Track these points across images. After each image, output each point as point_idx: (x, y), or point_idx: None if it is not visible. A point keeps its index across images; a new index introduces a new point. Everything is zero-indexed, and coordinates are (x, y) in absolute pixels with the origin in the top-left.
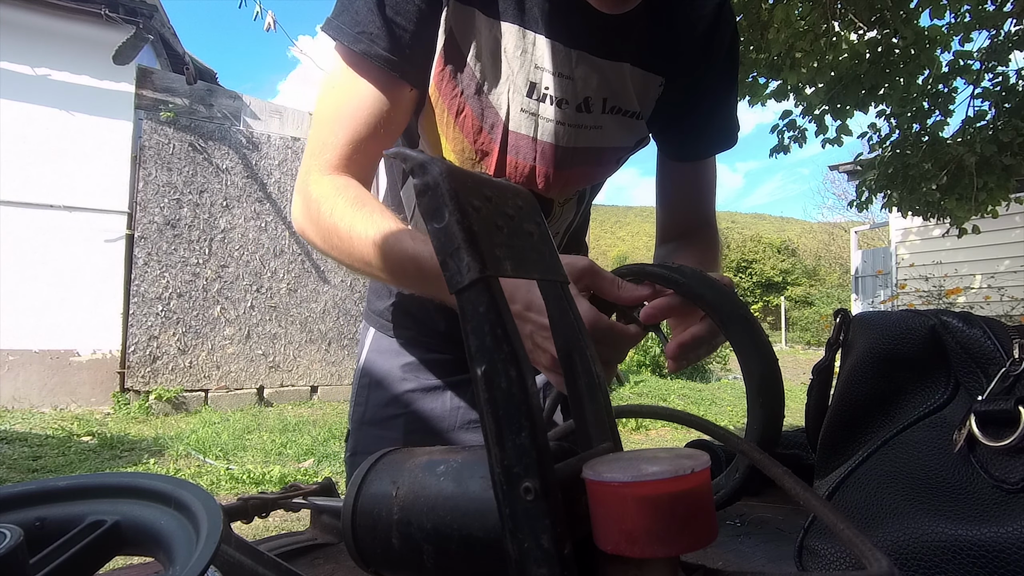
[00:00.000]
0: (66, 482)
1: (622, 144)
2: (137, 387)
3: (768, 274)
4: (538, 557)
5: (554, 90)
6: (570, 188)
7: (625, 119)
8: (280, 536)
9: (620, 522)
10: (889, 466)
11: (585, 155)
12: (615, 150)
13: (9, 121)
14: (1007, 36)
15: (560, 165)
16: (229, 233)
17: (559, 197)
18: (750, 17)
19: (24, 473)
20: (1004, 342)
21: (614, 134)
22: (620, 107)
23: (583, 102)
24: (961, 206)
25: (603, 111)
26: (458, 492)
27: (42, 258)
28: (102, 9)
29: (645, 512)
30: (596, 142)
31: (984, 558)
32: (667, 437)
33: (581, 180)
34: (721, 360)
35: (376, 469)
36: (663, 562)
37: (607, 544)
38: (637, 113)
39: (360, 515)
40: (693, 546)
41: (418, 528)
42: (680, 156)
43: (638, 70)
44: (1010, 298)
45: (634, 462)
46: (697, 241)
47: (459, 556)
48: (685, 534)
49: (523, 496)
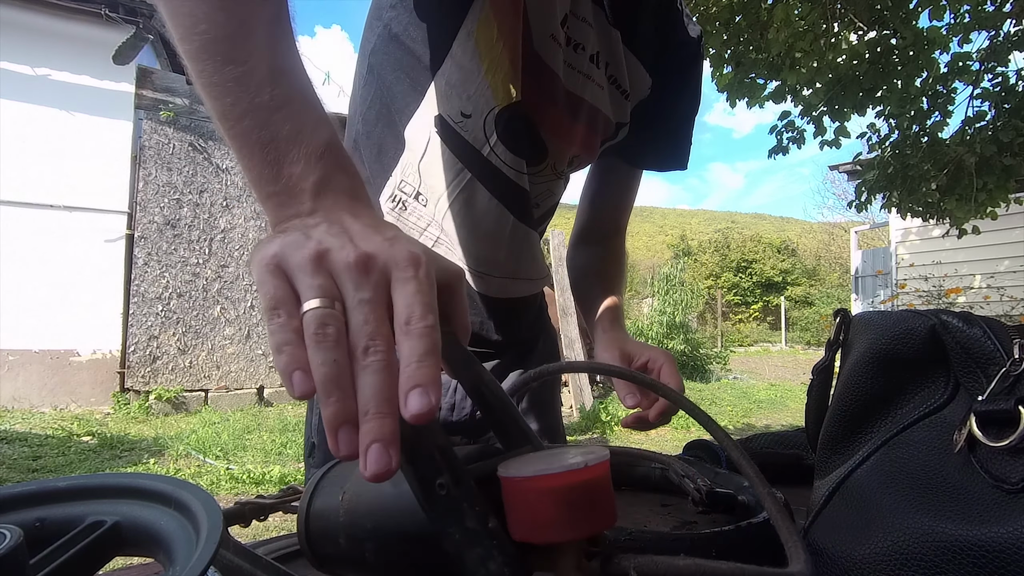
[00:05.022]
0: (66, 482)
1: (612, 117)
2: (137, 387)
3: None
4: (468, 539)
5: (576, 31)
6: (568, 144)
7: (617, 92)
8: (279, 538)
9: (527, 512)
10: (889, 466)
11: (588, 113)
12: (606, 122)
13: (9, 121)
14: (1006, 37)
15: (569, 112)
16: (229, 233)
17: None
18: (750, 17)
19: (24, 473)
20: (1004, 342)
21: (607, 102)
22: (616, 77)
23: (595, 54)
24: (961, 207)
25: (605, 73)
26: (395, 493)
27: (42, 258)
28: (102, 9)
29: (546, 502)
30: (598, 101)
31: (984, 558)
32: (667, 437)
33: (578, 140)
34: (721, 360)
35: (328, 477)
36: (567, 546)
37: (517, 533)
38: (627, 93)
39: (312, 520)
40: (592, 531)
41: (360, 528)
42: (633, 159)
43: (631, 54)
44: (1010, 298)
45: (541, 459)
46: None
47: (397, 551)
48: (584, 520)
49: (438, 492)
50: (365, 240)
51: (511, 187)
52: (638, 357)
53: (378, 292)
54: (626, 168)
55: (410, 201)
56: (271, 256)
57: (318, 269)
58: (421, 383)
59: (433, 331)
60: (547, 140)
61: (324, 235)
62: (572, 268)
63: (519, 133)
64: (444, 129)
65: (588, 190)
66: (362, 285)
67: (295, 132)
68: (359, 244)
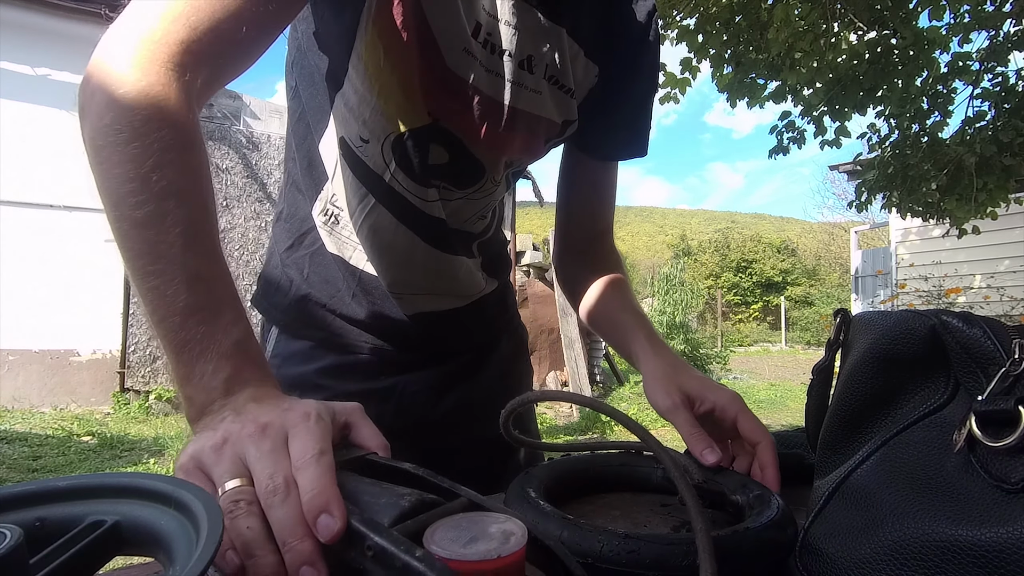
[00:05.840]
0: (66, 482)
1: (556, 119)
2: (137, 387)
3: (768, 274)
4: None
5: (497, 38)
6: (504, 153)
7: (560, 92)
8: None
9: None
10: (889, 466)
11: (525, 120)
12: (549, 124)
13: (9, 121)
14: (1006, 37)
15: (499, 124)
16: (229, 233)
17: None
18: (750, 17)
19: (24, 473)
20: (1004, 342)
21: (550, 105)
22: (557, 78)
23: (526, 59)
24: (961, 207)
25: (543, 76)
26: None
27: (42, 258)
28: (102, 9)
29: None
30: (535, 108)
31: (984, 558)
32: (667, 437)
33: (515, 148)
34: (721, 360)
35: None
36: None
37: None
38: (571, 91)
39: None
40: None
41: None
42: (593, 151)
43: (575, 45)
44: (1010, 298)
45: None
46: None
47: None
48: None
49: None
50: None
51: (417, 214)
52: (700, 401)
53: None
54: (591, 162)
55: (342, 215)
56: (188, 459)
57: (221, 454)
58: (321, 507)
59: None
60: (480, 156)
61: (229, 425)
62: (563, 281)
63: (422, 157)
64: (346, 152)
65: (560, 194)
66: (261, 444)
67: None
68: (258, 418)
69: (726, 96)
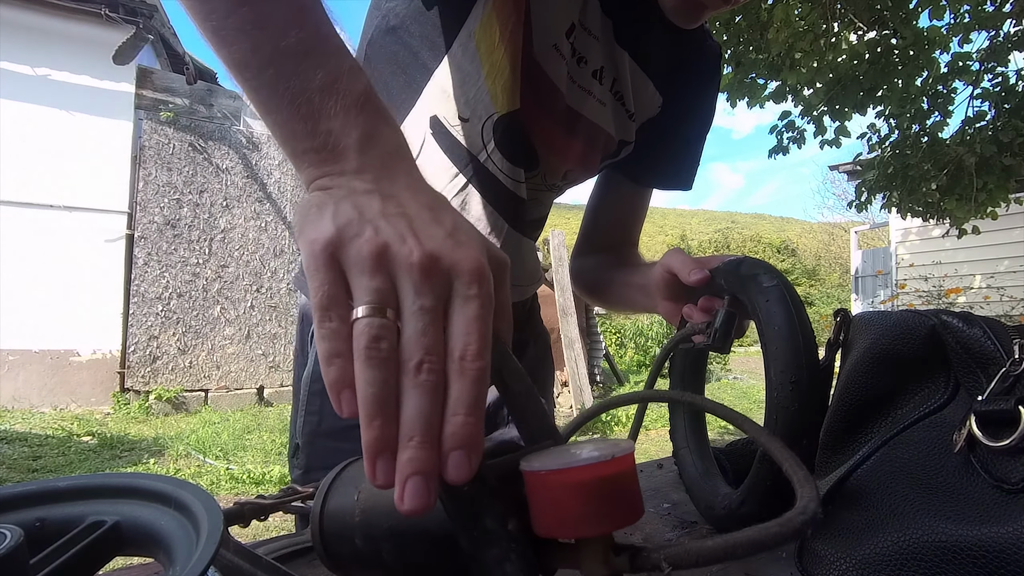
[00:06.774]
0: (66, 482)
1: (614, 135)
2: (137, 387)
3: None
4: (486, 539)
5: (583, 44)
6: (564, 161)
7: (621, 110)
8: (279, 538)
9: (552, 507)
10: (889, 466)
11: (587, 130)
12: (608, 139)
13: (9, 121)
14: (1006, 37)
15: (561, 124)
16: (229, 233)
17: (552, 172)
18: (750, 17)
19: (24, 473)
20: (1004, 342)
21: (611, 119)
22: (622, 94)
23: (599, 69)
24: (961, 207)
25: (610, 89)
26: None
27: (42, 258)
28: (102, 9)
29: (572, 496)
30: (598, 118)
31: (984, 558)
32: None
33: (574, 157)
34: (721, 360)
35: (341, 478)
36: (594, 542)
37: (542, 529)
38: (632, 114)
39: (327, 520)
40: (619, 524)
41: (377, 528)
42: (637, 176)
43: (644, 74)
44: (1010, 298)
45: (565, 453)
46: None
47: (415, 551)
48: (611, 515)
49: (460, 490)
50: (427, 233)
51: (507, 194)
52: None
53: (439, 301)
54: (631, 185)
55: None
56: (326, 242)
57: (377, 269)
58: (464, 444)
59: (486, 375)
60: (539, 151)
61: (381, 220)
62: (577, 274)
63: (514, 140)
64: (439, 131)
65: (591, 204)
66: (423, 291)
67: (330, 81)
68: (422, 240)
69: (726, 96)
